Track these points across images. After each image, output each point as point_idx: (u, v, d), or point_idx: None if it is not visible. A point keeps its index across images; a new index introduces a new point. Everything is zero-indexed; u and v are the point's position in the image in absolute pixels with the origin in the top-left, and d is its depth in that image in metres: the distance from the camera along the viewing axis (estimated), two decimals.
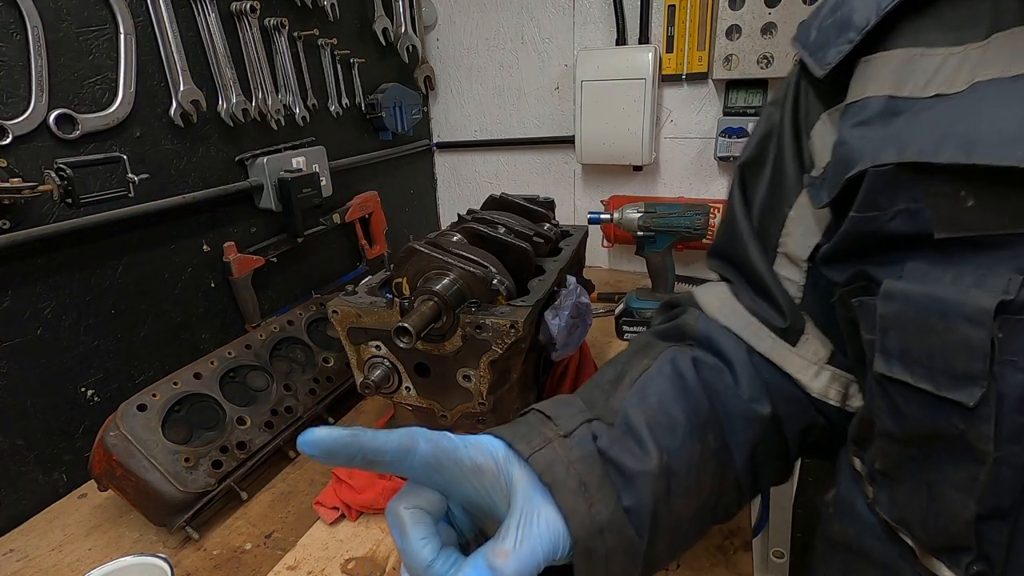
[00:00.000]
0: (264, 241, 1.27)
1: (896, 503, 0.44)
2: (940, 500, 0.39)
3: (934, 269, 0.37)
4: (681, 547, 0.50)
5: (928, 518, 0.40)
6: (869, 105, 0.42)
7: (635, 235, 1.35)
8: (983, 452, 0.35)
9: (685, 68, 1.56)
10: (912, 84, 0.40)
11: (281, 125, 1.26)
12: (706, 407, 0.50)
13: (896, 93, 0.41)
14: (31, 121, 0.85)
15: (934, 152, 0.36)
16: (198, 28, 1.07)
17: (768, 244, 0.54)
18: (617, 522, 0.40)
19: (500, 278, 0.77)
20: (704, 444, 0.48)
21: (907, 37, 0.41)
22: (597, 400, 0.49)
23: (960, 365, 0.35)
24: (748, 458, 0.51)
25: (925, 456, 0.40)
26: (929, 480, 0.40)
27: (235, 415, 0.92)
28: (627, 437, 0.45)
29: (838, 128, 0.45)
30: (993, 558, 0.37)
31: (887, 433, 0.42)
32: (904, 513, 0.43)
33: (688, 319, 0.57)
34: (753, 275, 0.55)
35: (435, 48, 1.84)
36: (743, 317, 0.55)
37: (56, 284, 0.92)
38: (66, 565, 0.80)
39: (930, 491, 0.40)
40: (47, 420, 0.93)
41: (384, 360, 0.82)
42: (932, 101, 0.38)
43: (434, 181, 2.03)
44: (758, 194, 0.56)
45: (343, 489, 0.85)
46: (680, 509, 0.46)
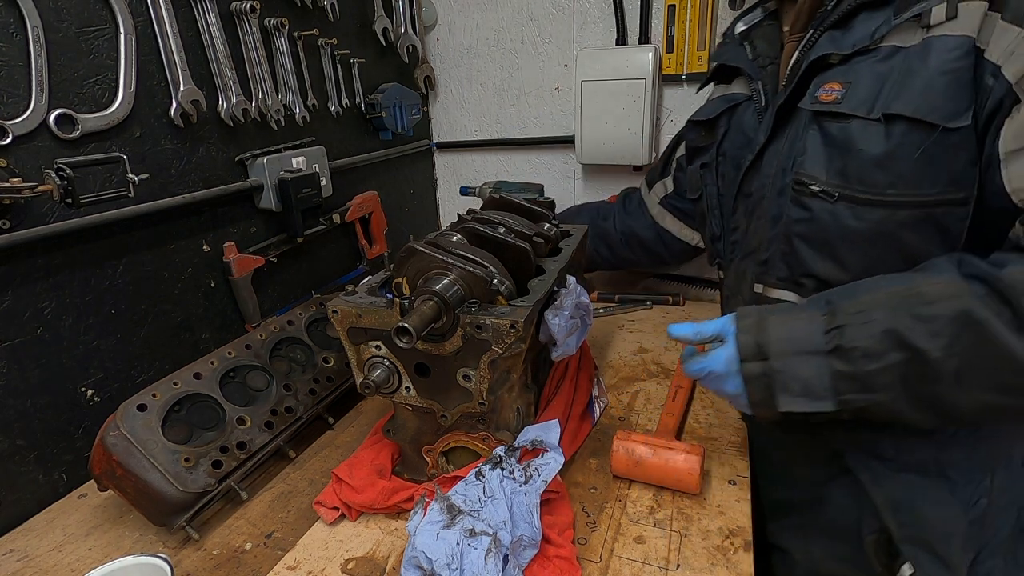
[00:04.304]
0: (264, 241, 1.27)
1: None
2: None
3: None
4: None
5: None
6: None
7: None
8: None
9: (685, 68, 1.56)
10: None
11: (281, 125, 1.26)
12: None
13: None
14: (31, 121, 0.85)
15: None
16: (198, 28, 1.07)
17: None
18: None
19: (500, 278, 0.77)
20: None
21: None
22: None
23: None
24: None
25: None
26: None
27: (235, 415, 0.92)
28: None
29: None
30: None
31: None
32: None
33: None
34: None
35: (435, 48, 1.84)
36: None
37: (56, 284, 0.92)
38: (66, 565, 0.80)
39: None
40: (47, 420, 0.93)
41: (384, 360, 0.82)
42: None
43: (434, 181, 2.03)
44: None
45: (343, 489, 0.85)
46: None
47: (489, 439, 0.83)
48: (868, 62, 0.72)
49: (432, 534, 0.68)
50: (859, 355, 0.62)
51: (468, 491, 0.74)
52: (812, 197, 0.76)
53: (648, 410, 1.07)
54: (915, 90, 0.67)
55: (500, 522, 0.69)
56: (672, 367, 1.22)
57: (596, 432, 1.01)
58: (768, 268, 0.85)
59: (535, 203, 1.07)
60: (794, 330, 0.67)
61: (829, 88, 0.74)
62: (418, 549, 0.67)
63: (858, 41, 0.72)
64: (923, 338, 0.59)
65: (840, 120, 0.73)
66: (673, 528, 0.79)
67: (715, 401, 1.08)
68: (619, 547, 0.77)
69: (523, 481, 0.76)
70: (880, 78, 0.70)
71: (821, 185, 0.75)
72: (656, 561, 0.74)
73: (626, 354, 1.29)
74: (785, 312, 0.71)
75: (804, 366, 0.64)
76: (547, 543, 0.74)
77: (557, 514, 0.79)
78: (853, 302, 0.65)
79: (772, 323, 0.69)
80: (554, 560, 0.73)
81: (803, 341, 0.65)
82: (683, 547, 0.76)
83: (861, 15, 0.73)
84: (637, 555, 0.75)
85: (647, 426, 1.02)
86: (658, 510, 0.83)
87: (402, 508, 0.84)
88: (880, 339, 0.61)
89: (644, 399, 1.11)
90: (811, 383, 0.64)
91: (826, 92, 0.74)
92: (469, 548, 0.66)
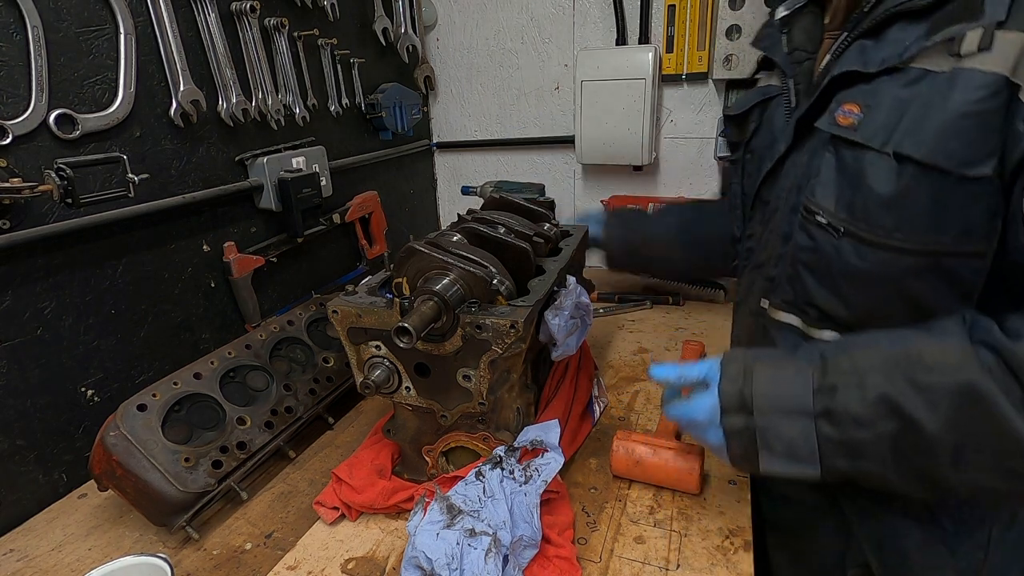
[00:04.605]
0: (264, 241, 1.27)
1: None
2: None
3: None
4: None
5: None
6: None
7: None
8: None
9: (685, 68, 1.56)
10: None
11: (281, 125, 1.26)
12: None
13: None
14: (31, 121, 0.85)
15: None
16: (198, 28, 1.07)
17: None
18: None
19: (500, 278, 0.77)
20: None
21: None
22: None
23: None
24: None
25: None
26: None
27: (235, 415, 0.92)
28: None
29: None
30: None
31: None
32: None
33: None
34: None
35: (435, 48, 1.84)
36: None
37: (56, 284, 0.92)
38: (66, 565, 0.80)
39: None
40: (47, 420, 0.93)
41: (384, 360, 0.82)
42: None
43: (434, 181, 2.03)
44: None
45: (343, 489, 0.85)
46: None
47: (489, 439, 0.83)
48: (893, 84, 0.64)
49: (432, 534, 0.68)
50: (849, 420, 0.57)
51: (468, 491, 0.74)
52: (818, 228, 0.70)
53: (648, 410, 1.07)
54: (930, 130, 0.60)
55: (500, 522, 0.69)
56: None
57: (596, 432, 1.01)
58: (774, 287, 0.80)
59: (535, 203, 1.07)
60: (781, 385, 0.62)
61: (848, 109, 0.67)
62: (418, 549, 0.67)
63: (887, 58, 0.64)
64: (919, 408, 0.54)
65: (855, 148, 0.66)
66: (673, 528, 0.79)
67: None
68: (619, 547, 0.77)
69: (523, 481, 0.76)
70: (902, 106, 0.62)
71: (827, 217, 0.69)
72: (656, 561, 0.74)
73: (626, 354, 1.29)
74: (774, 361, 0.66)
75: (789, 426, 0.60)
76: (547, 543, 0.74)
77: (557, 514, 0.79)
78: (848, 360, 0.60)
79: (759, 374, 0.64)
80: (554, 560, 0.72)
81: (790, 399, 0.61)
82: (683, 547, 0.76)
83: (896, 25, 0.65)
84: (637, 555, 0.75)
85: (647, 426, 1.02)
86: (658, 510, 0.83)
87: (402, 508, 0.84)
88: (873, 405, 0.56)
89: (644, 399, 1.11)
90: (796, 445, 0.60)
91: (844, 114, 0.67)
92: (469, 548, 0.66)
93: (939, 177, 0.60)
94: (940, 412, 0.53)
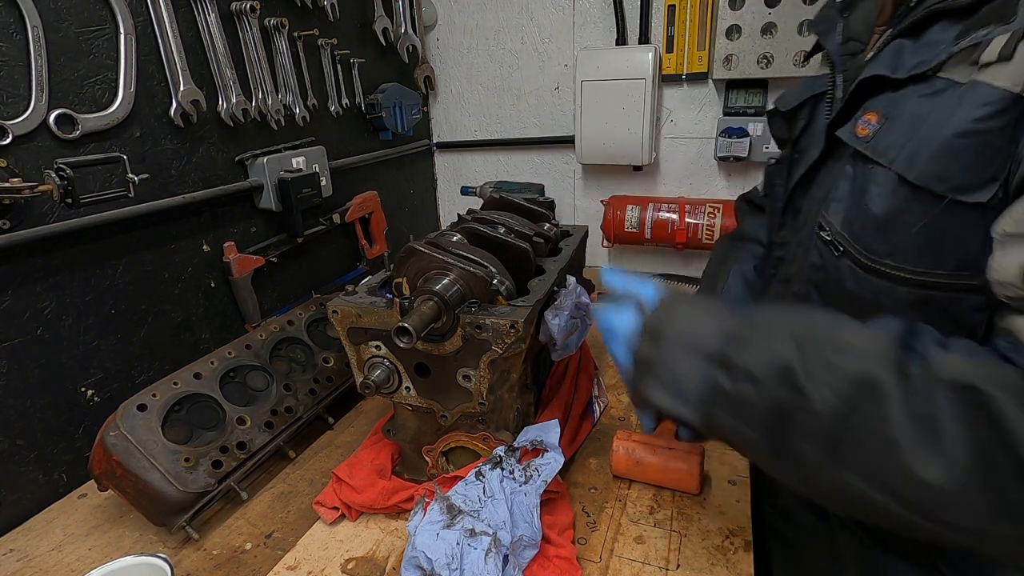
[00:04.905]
0: (264, 241, 1.27)
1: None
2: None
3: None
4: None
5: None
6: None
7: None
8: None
9: (685, 68, 1.56)
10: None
11: (281, 125, 1.26)
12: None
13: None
14: (31, 121, 0.85)
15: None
16: (198, 28, 1.07)
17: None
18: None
19: (500, 278, 0.77)
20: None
21: None
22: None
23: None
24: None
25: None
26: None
27: (235, 415, 0.92)
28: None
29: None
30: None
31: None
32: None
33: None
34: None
35: (435, 48, 1.84)
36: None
37: (56, 284, 0.92)
38: (66, 565, 0.80)
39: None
40: (47, 420, 0.93)
41: (384, 360, 0.82)
42: None
43: (434, 181, 2.03)
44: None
45: (343, 489, 0.85)
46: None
47: (489, 439, 0.83)
48: (916, 95, 0.58)
49: (432, 534, 0.68)
50: (744, 376, 0.52)
51: (468, 491, 0.74)
52: (824, 245, 0.66)
53: None
54: (928, 149, 0.55)
55: (500, 522, 0.69)
56: None
57: (596, 432, 1.01)
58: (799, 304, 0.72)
59: (535, 203, 1.07)
60: (695, 323, 0.58)
61: (867, 119, 0.62)
62: (418, 549, 0.67)
63: (919, 64, 0.58)
64: (815, 384, 0.49)
65: (866, 163, 0.61)
66: (673, 528, 0.79)
67: None
68: (619, 547, 0.77)
69: (523, 481, 0.76)
70: (918, 121, 0.57)
71: (832, 235, 0.64)
72: (656, 561, 0.74)
73: None
74: (705, 303, 0.64)
75: (685, 362, 0.56)
76: (547, 543, 0.74)
77: (557, 514, 0.79)
78: (770, 321, 0.56)
79: (683, 311, 0.60)
80: (554, 560, 0.73)
81: (696, 337, 0.57)
82: (683, 547, 0.76)
83: (937, 25, 0.58)
84: (637, 555, 0.75)
85: None
86: (658, 510, 0.83)
87: (402, 508, 0.84)
88: (772, 368, 0.51)
89: None
90: (684, 383, 0.56)
91: (863, 124, 0.62)
92: (469, 548, 0.66)
93: (931, 202, 0.55)
94: (833, 394, 0.48)
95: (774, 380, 0.51)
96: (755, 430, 0.52)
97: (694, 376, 0.55)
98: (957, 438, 0.43)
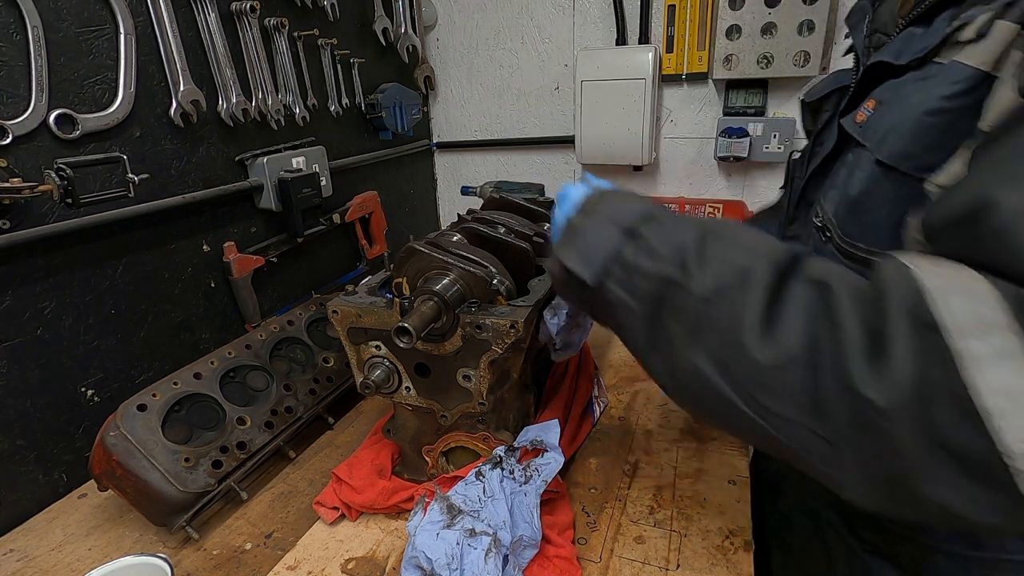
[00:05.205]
0: (264, 241, 1.27)
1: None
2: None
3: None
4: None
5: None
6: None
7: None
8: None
9: (685, 68, 1.56)
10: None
11: (281, 125, 1.26)
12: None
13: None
14: (31, 121, 0.85)
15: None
16: (198, 28, 1.07)
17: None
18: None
19: (500, 278, 0.77)
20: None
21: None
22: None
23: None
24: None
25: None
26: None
27: (235, 415, 0.92)
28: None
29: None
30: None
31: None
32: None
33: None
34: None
35: (435, 48, 1.84)
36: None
37: (56, 284, 0.92)
38: (66, 565, 0.80)
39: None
40: (47, 420, 0.93)
41: (384, 360, 0.82)
42: None
43: (434, 181, 2.03)
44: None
45: (343, 489, 0.85)
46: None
47: (489, 439, 0.83)
48: (913, 79, 0.58)
49: (432, 534, 0.68)
50: (645, 249, 0.54)
51: (468, 491, 0.74)
52: (817, 231, 0.66)
53: (648, 410, 1.07)
54: (900, 130, 0.55)
55: (500, 522, 0.69)
56: None
57: (596, 432, 1.01)
58: None
59: (535, 203, 1.07)
60: (627, 205, 0.59)
61: (867, 107, 0.62)
62: (418, 549, 0.67)
63: (921, 49, 0.57)
64: (702, 268, 0.50)
65: (859, 148, 0.61)
66: (673, 528, 0.79)
67: None
68: (619, 547, 0.77)
69: (523, 481, 0.76)
70: (903, 103, 0.57)
71: (823, 220, 0.65)
72: (656, 561, 0.74)
73: (626, 354, 1.29)
74: (647, 197, 0.63)
75: (600, 232, 0.57)
76: (547, 543, 0.74)
77: (557, 514, 0.79)
78: (690, 217, 0.57)
79: (623, 195, 0.61)
80: (554, 560, 0.73)
81: (621, 214, 0.57)
82: (683, 547, 0.76)
83: (946, 12, 0.58)
84: (637, 555, 0.75)
85: (647, 426, 1.02)
86: (658, 510, 0.83)
87: (402, 508, 0.84)
88: (671, 248, 0.52)
89: (644, 399, 1.10)
90: (592, 246, 0.57)
91: (863, 111, 0.62)
92: (469, 548, 0.66)
93: (899, 182, 0.55)
94: (713, 277, 0.49)
95: (669, 258, 0.52)
96: (638, 302, 0.53)
97: (605, 243, 0.56)
98: (795, 323, 0.44)
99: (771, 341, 0.44)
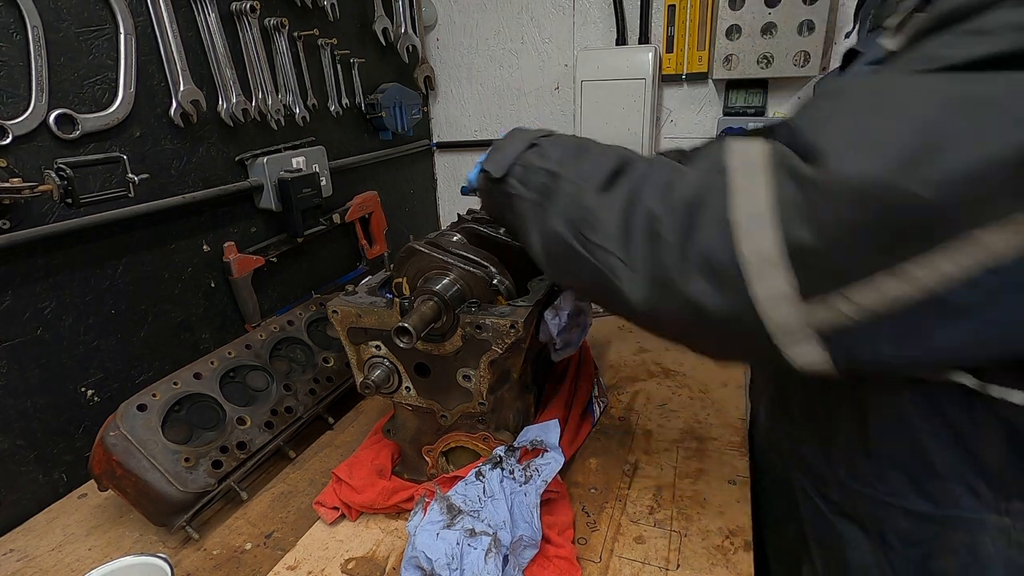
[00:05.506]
0: (264, 241, 1.27)
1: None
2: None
3: None
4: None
5: None
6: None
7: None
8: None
9: (685, 68, 1.56)
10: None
11: (281, 125, 1.26)
12: None
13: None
14: (31, 121, 0.85)
15: None
16: (198, 28, 1.07)
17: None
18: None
19: (500, 278, 0.77)
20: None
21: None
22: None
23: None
24: None
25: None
26: None
27: (235, 415, 0.92)
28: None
29: None
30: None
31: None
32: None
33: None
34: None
35: (435, 48, 1.84)
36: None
37: (56, 284, 0.92)
38: (66, 565, 0.80)
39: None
40: (47, 420, 0.93)
41: (384, 360, 0.82)
42: None
43: (434, 181, 2.03)
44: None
45: (343, 489, 0.85)
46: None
47: (489, 439, 0.83)
48: (868, 69, 0.57)
49: (432, 534, 0.68)
50: (538, 154, 0.67)
51: (468, 491, 0.74)
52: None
53: (648, 410, 1.07)
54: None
55: (500, 522, 0.69)
56: (672, 367, 1.22)
57: (596, 432, 1.01)
58: None
59: None
60: (535, 129, 0.73)
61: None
62: (418, 549, 0.67)
63: (871, 39, 0.58)
64: (575, 164, 0.62)
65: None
66: (673, 528, 0.79)
67: (715, 401, 1.08)
68: (619, 547, 0.77)
69: (523, 481, 0.76)
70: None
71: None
72: (656, 561, 0.74)
73: (626, 354, 1.29)
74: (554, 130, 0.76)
75: (512, 144, 0.70)
76: (547, 543, 0.74)
77: (557, 514, 0.79)
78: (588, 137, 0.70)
79: (534, 128, 0.74)
80: (554, 560, 0.73)
81: (528, 134, 0.71)
82: (683, 547, 0.76)
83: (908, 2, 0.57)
84: (637, 555, 0.75)
85: (647, 426, 1.02)
86: (658, 510, 0.83)
87: (402, 508, 0.84)
88: (560, 152, 0.65)
89: (644, 399, 1.11)
90: (504, 155, 0.70)
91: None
92: (469, 548, 0.66)
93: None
94: (578, 168, 0.61)
95: (556, 160, 0.65)
96: (529, 190, 0.66)
97: (512, 151, 0.70)
98: (624, 185, 0.56)
99: (604, 196, 0.57)
